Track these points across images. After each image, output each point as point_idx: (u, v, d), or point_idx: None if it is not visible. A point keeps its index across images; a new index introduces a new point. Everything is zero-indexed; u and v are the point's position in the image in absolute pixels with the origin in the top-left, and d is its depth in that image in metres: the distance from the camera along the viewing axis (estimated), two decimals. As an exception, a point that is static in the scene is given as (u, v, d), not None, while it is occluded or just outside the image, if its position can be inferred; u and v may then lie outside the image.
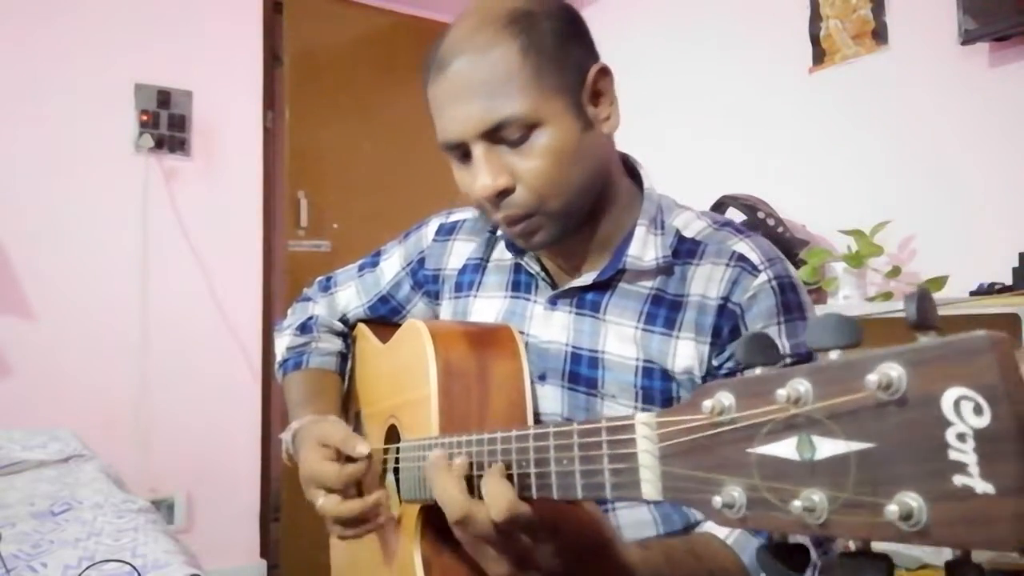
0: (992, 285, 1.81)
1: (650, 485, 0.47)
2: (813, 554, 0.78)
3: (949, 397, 0.32)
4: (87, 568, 0.87)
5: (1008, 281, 1.79)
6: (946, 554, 0.35)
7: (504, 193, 0.79)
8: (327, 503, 0.83)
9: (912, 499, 0.32)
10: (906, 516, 0.32)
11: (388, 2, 3.25)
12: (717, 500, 0.41)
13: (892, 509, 0.33)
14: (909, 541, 0.33)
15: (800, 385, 0.37)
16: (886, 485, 0.34)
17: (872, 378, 0.34)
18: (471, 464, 0.65)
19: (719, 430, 0.42)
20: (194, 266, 2.74)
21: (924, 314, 0.34)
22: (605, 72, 0.84)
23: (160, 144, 2.67)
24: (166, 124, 2.68)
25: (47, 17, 2.54)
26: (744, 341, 0.41)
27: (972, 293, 1.84)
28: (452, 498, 0.63)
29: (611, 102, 0.84)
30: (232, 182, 2.83)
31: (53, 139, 2.53)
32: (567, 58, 0.80)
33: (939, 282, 1.93)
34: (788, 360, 0.79)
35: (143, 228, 2.64)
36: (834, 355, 0.37)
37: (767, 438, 0.39)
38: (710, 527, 0.78)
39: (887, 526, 0.33)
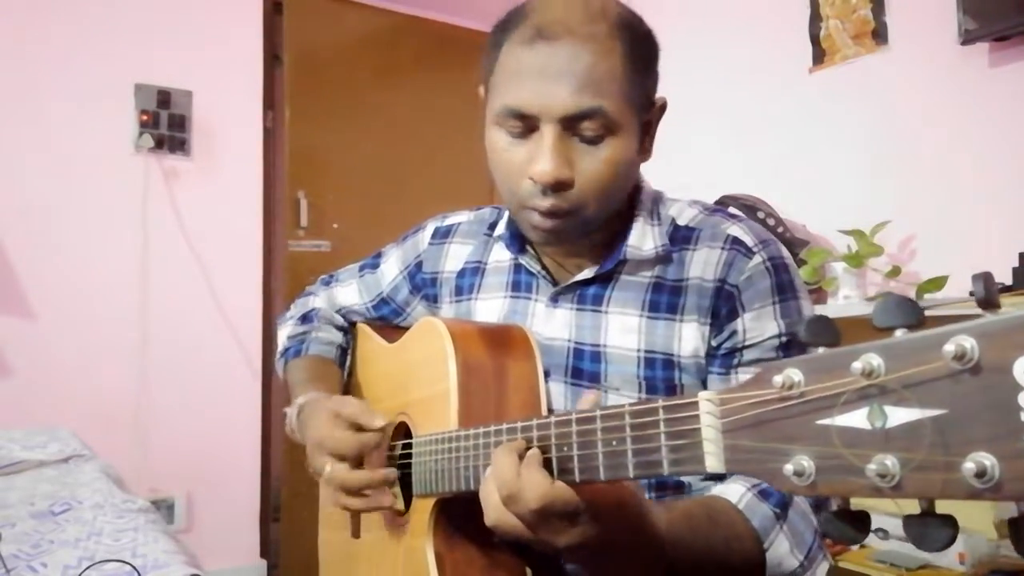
0: (992, 285, 1.80)
1: (713, 457, 0.50)
2: (813, 519, 0.80)
3: (1020, 364, 0.35)
4: (87, 568, 0.87)
5: (1008, 281, 1.79)
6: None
7: (561, 185, 0.78)
8: (337, 469, 0.83)
9: (986, 458, 0.36)
10: (980, 473, 0.35)
11: (388, 2, 3.25)
12: (788, 468, 0.44)
13: (968, 467, 0.36)
14: (981, 497, 0.36)
15: (873, 359, 0.40)
16: (960, 446, 0.37)
17: (948, 349, 0.37)
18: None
19: (787, 404, 0.45)
20: (194, 266, 2.74)
21: (990, 293, 0.37)
22: (663, 109, 0.87)
23: (160, 144, 2.66)
24: (166, 124, 2.68)
25: (47, 17, 2.54)
26: (808, 324, 0.44)
27: (972, 293, 1.84)
28: (507, 475, 0.62)
29: (653, 137, 0.87)
30: (232, 182, 2.83)
31: (53, 139, 2.53)
32: (649, 82, 0.83)
33: (939, 282, 1.93)
34: (784, 339, 0.82)
35: (143, 228, 2.64)
36: (899, 333, 0.40)
37: (840, 409, 0.42)
38: (720, 490, 0.79)
39: (961, 482, 0.36)
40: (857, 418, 0.41)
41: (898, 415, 0.39)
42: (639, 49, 0.80)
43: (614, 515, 0.64)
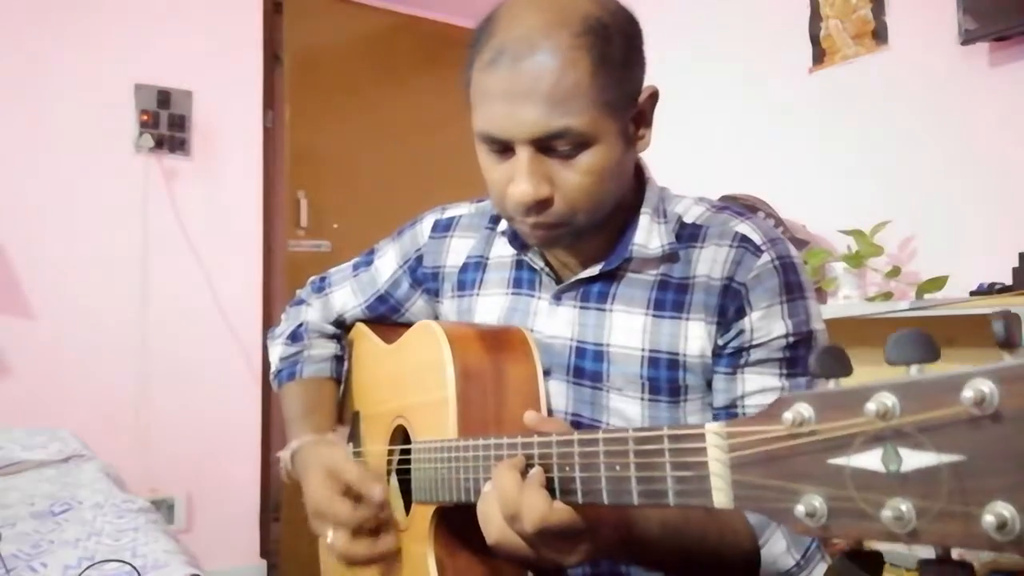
0: (992, 285, 1.81)
1: (721, 493, 0.49)
2: (820, 554, 0.80)
3: None
4: (87, 568, 0.87)
5: (1008, 281, 1.79)
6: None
7: (542, 203, 0.78)
8: (337, 541, 0.83)
9: (1006, 509, 0.34)
10: (1001, 525, 0.34)
11: (388, 2, 3.25)
12: (800, 509, 0.42)
13: (988, 520, 0.34)
14: (1003, 550, 0.35)
15: (887, 399, 0.39)
16: (978, 496, 0.35)
17: (967, 394, 0.35)
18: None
19: (797, 441, 0.43)
20: (194, 266, 2.74)
21: (1011, 334, 0.36)
22: (654, 97, 0.84)
23: (160, 144, 2.66)
24: (166, 124, 2.68)
25: (47, 17, 2.54)
26: (819, 355, 0.43)
27: (972, 293, 1.84)
28: (509, 496, 0.63)
29: (650, 124, 0.84)
30: (232, 182, 2.83)
31: (53, 139, 2.53)
32: (629, 77, 0.80)
33: (939, 282, 1.93)
34: (791, 339, 0.81)
35: (143, 228, 2.64)
36: (914, 370, 0.39)
37: (849, 449, 0.41)
38: None
39: (981, 535, 0.35)
40: (871, 460, 0.40)
41: (914, 459, 0.38)
42: (612, 48, 0.76)
43: (612, 529, 0.64)
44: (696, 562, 0.74)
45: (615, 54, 0.77)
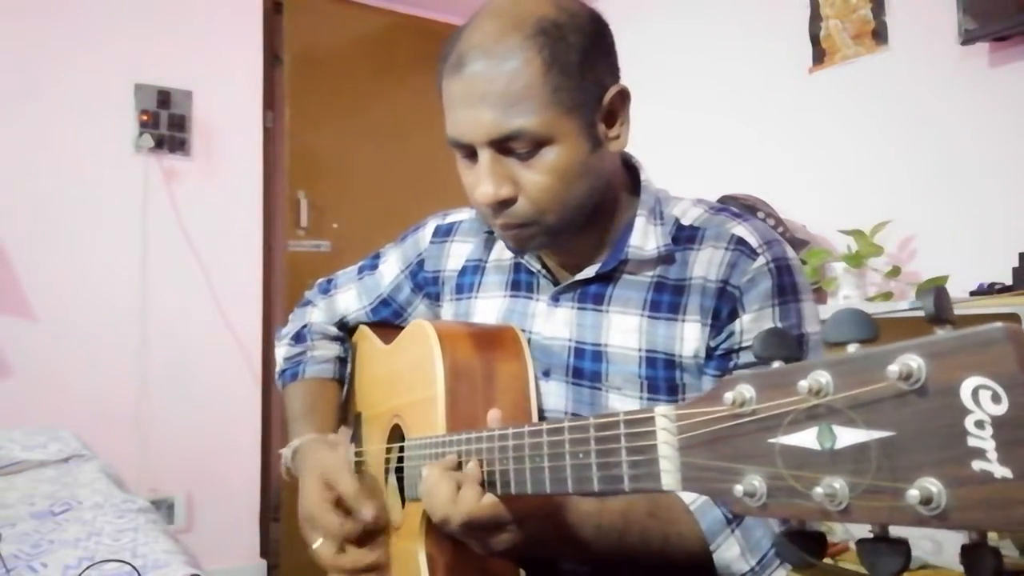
0: (992, 285, 1.81)
1: (669, 476, 0.49)
2: (776, 525, 0.80)
3: (968, 386, 0.33)
4: (87, 568, 0.87)
5: (1008, 281, 1.79)
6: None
7: (505, 203, 0.80)
8: (324, 551, 0.86)
9: (932, 484, 0.34)
10: (926, 500, 0.34)
11: (388, 2, 3.25)
12: (739, 488, 0.43)
13: (913, 494, 0.34)
14: (928, 525, 0.35)
15: (821, 377, 0.39)
16: (906, 471, 0.35)
17: (893, 368, 0.35)
18: (481, 461, 0.69)
19: (740, 421, 0.43)
20: (194, 266, 2.74)
21: (941, 308, 0.35)
22: (624, 95, 0.84)
23: (160, 144, 2.66)
24: (166, 124, 2.68)
25: (47, 17, 2.53)
26: (762, 336, 0.43)
27: (972, 293, 1.84)
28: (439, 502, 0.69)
29: (623, 123, 0.84)
30: (232, 182, 2.83)
31: (53, 139, 2.53)
32: (588, 76, 0.79)
33: (939, 282, 1.93)
34: None
35: (143, 228, 2.64)
36: (852, 348, 0.38)
37: (789, 428, 0.40)
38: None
39: (907, 510, 0.35)
40: (807, 438, 0.40)
41: (846, 436, 0.38)
42: (566, 49, 0.77)
43: (539, 521, 0.69)
44: (641, 561, 0.76)
45: (570, 54, 0.77)
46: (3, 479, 1.32)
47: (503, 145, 0.78)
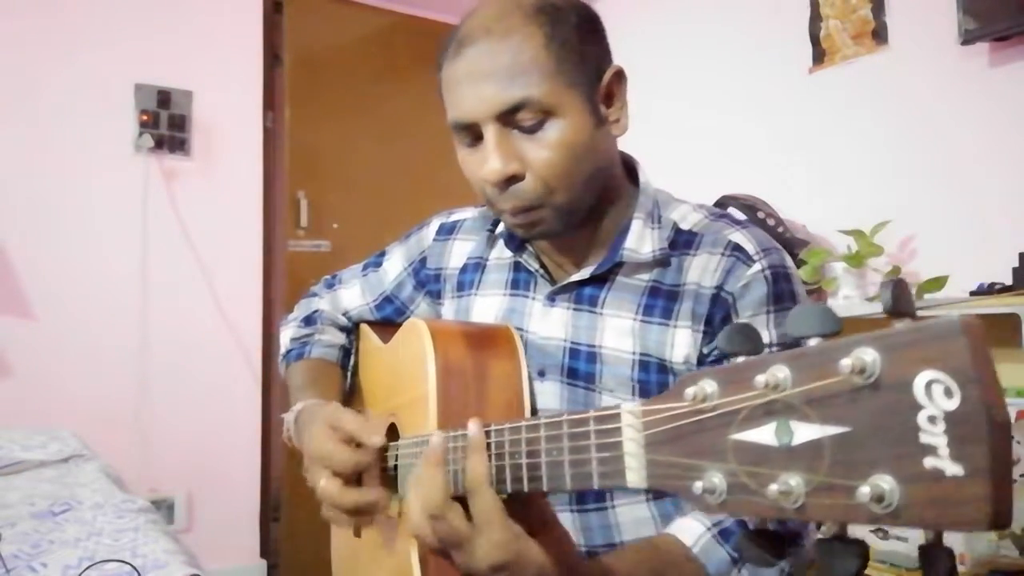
0: (992, 285, 1.81)
1: (634, 473, 0.48)
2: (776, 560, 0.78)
3: (921, 380, 0.32)
4: (87, 568, 0.87)
5: (1008, 281, 1.79)
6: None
7: (512, 180, 0.79)
8: (329, 487, 0.83)
9: (885, 481, 0.33)
10: (878, 498, 0.33)
11: (388, 2, 3.25)
12: (698, 486, 0.42)
13: (864, 491, 0.34)
14: (882, 523, 0.34)
15: (779, 372, 0.38)
16: (860, 468, 0.34)
17: (846, 362, 0.35)
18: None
19: (701, 417, 0.42)
20: (194, 266, 2.74)
21: (899, 301, 0.35)
22: (620, 75, 0.85)
23: (160, 144, 2.66)
24: (166, 124, 2.68)
25: (47, 17, 2.54)
26: (726, 331, 0.42)
27: (972, 293, 1.84)
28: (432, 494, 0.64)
29: (622, 105, 0.85)
30: (232, 182, 2.83)
31: (53, 139, 2.53)
32: (586, 55, 0.81)
33: (939, 282, 1.93)
34: (774, 349, 0.79)
35: (143, 228, 2.64)
36: (813, 342, 0.38)
37: (745, 423, 0.40)
38: (678, 528, 0.78)
39: (860, 508, 0.34)
40: (765, 434, 0.39)
41: (802, 432, 0.37)
42: (565, 28, 0.79)
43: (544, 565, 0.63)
44: None
45: (569, 33, 0.80)
46: (3, 479, 1.32)
47: (510, 118, 0.78)
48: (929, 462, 0.32)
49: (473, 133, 0.80)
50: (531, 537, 0.62)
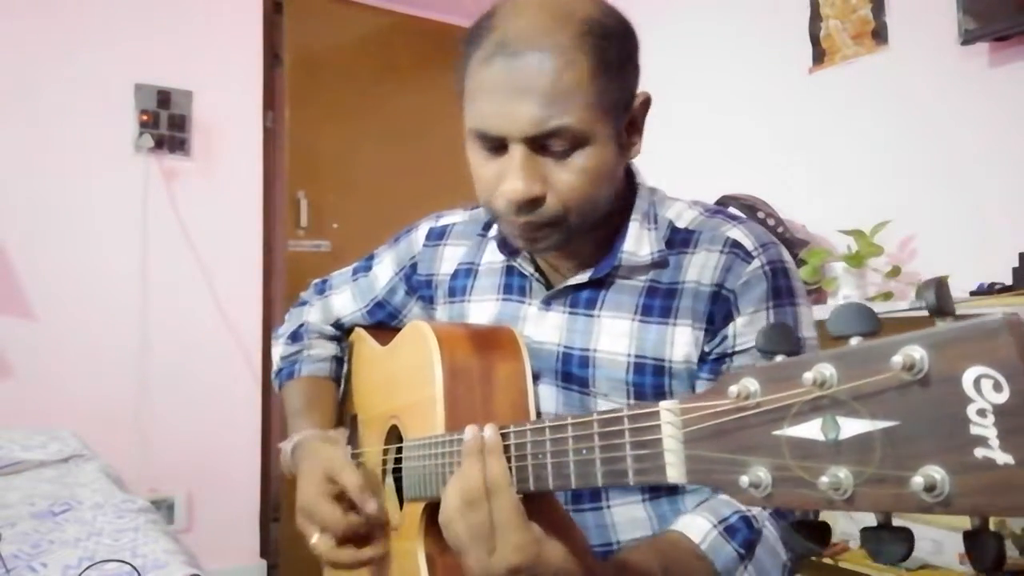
0: (992, 285, 1.81)
1: (675, 468, 0.50)
2: (783, 555, 0.78)
3: (970, 375, 0.34)
4: (87, 568, 0.87)
5: (1008, 281, 1.79)
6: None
7: (534, 202, 0.77)
8: (322, 544, 0.84)
9: (936, 471, 0.35)
10: (930, 487, 0.35)
11: (388, 2, 3.25)
12: (744, 480, 0.43)
13: (917, 481, 0.35)
14: (932, 511, 0.35)
15: (825, 369, 0.39)
16: (910, 459, 0.36)
17: (896, 359, 0.36)
18: None
19: (744, 414, 0.44)
20: (194, 266, 2.74)
21: (942, 301, 0.37)
22: (646, 104, 0.84)
23: (160, 144, 2.66)
24: (166, 124, 2.68)
25: (47, 17, 2.53)
26: (764, 331, 0.44)
27: (972, 293, 1.84)
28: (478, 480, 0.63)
29: (641, 132, 0.84)
30: (232, 182, 2.83)
31: (53, 139, 2.53)
32: (624, 81, 0.80)
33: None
34: None
35: (143, 228, 2.64)
36: (855, 341, 0.39)
37: (794, 420, 0.41)
38: (684, 525, 0.77)
39: (911, 497, 0.36)
40: (811, 429, 0.40)
41: (850, 427, 0.39)
42: (610, 52, 0.76)
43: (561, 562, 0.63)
44: None
45: (613, 58, 0.77)
46: (3, 479, 1.32)
47: (541, 142, 0.75)
48: (980, 452, 0.33)
49: (495, 143, 0.77)
50: (550, 539, 0.62)
